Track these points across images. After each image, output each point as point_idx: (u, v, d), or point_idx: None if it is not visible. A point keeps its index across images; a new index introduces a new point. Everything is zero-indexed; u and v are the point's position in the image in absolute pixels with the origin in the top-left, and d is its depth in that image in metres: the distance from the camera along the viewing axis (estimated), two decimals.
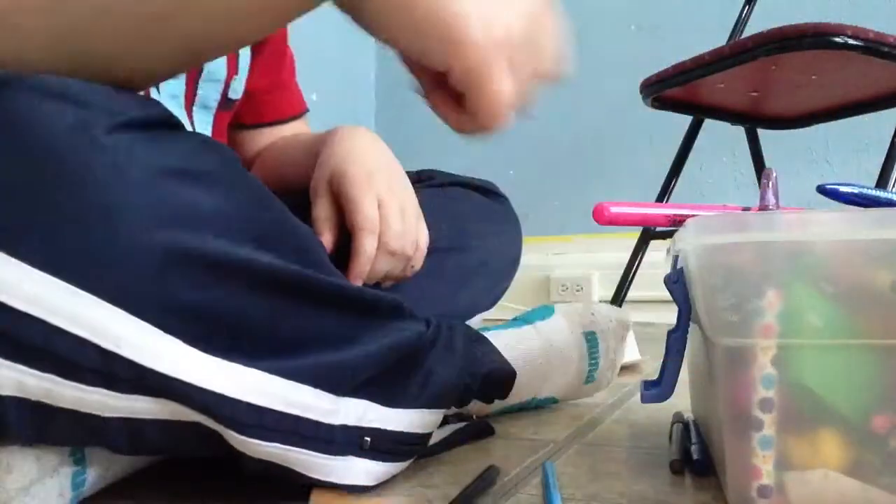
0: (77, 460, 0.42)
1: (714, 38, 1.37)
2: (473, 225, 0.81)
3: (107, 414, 0.38)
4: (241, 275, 0.39)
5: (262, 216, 0.42)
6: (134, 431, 0.39)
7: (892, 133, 1.14)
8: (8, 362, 0.35)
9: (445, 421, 0.59)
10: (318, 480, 0.45)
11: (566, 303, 0.89)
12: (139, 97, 0.39)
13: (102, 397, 0.37)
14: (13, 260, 0.33)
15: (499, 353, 0.65)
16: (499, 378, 0.65)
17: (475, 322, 0.82)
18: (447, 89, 0.42)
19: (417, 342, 0.50)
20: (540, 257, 2.00)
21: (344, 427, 0.45)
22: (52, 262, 0.34)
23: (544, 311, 0.75)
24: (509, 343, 0.68)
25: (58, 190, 0.34)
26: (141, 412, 0.38)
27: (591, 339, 0.73)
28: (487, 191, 0.87)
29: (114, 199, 0.35)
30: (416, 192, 0.71)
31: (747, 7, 1.47)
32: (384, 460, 0.48)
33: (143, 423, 0.39)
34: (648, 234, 1.47)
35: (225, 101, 0.76)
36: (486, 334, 0.67)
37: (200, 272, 0.37)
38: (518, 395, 0.69)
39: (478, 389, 0.62)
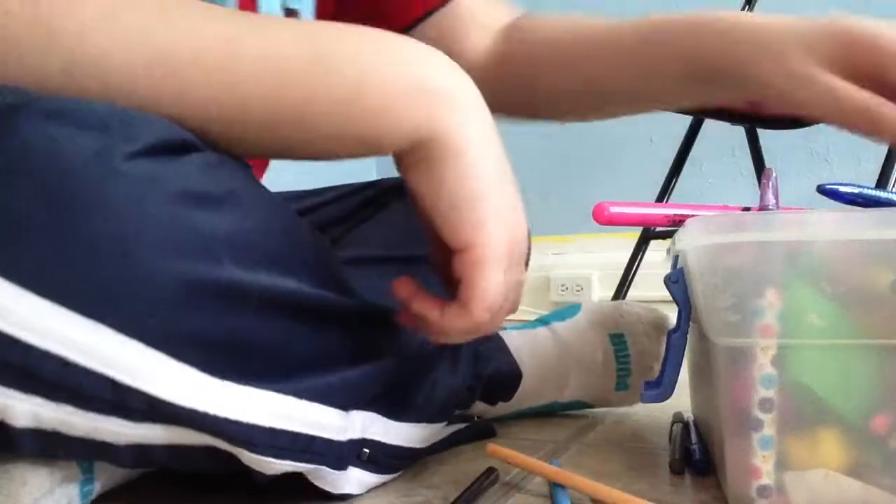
0: (85, 470, 0.42)
1: None
2: None
3: (119, 441, 0.38)
4: (254, 300, 0.38)
5: (274, 235, 0.41)
6: (143, 453, 0.39)
7: None
8: (24, 395, 0.34)
9: (448, 421, 0.59)
10: (316, 486, 0.45)
11: (566, 302, 0.88)
12: (153, 118, 0.37)
13: (116, 426, 0.36)
14: (27, 293, 0.32)
15: (507, 352, 0.65)
16: (504, 379, 0.64)
17: None
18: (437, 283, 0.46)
19: (421, 348, 0.50)
20: (540, 257, 2.00)
21: (350, 441, 0.45)
22: (66, 294, 0.33)
23: (568, 311, 0.71)
24: (519, 344, 0.66)
25: (74, 221, 0.33)
26: (153, 438, 0.38)
27: (617, 341, 0.68)
28: None
29: (131, 231, 0.34)
30: None
31: (747, 7, 1.47)
32: (376, 472, 0.48)
33: (154, 446, 0.39)
34: (648, 234, 1.47)
35: None
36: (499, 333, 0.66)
37: (214, 300, 0.37)
38: (529, 398, 0.67)
39: (481, 390, 0.62)
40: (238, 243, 0.38)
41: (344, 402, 0.44)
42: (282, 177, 0.75)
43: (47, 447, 0.36)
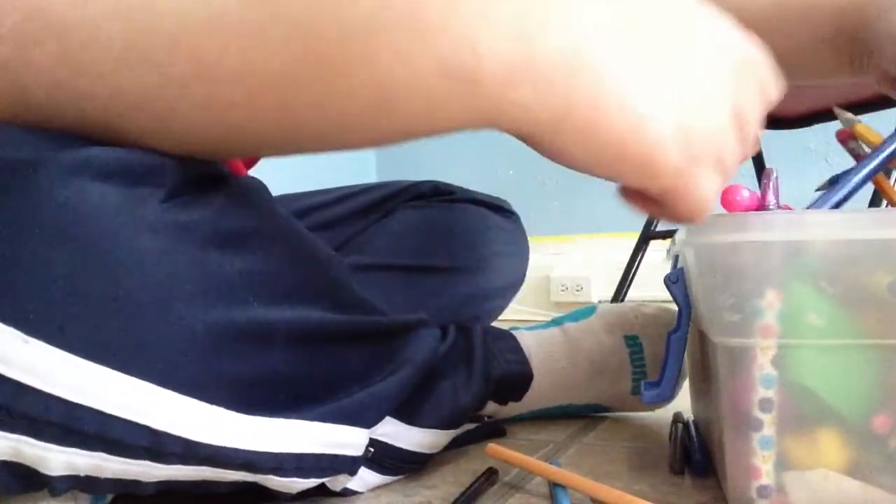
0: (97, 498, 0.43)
1: None
2: (489, 246, 0.80)
3: (149, 479, 0.38)
4: (281, 336, 0.38)
5: (296, 267, 0.41)
6: (168, 488, 0.39)
7: (891, 133, 1.14)
8: (61, 447, 0.34)
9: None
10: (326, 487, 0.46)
11: (566, 302, 0.87)
12: (173, 159, 0.36)
13: (146, 469, 0.37)
14: (58, 351, 0.32)
15: (519, 351, 0.64)
16: (514, 379, 0.64)
17: None
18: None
19: (435, 353, 0.50)
20: (540, 257, 2.00)
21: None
22: (97, 349, 0.33)
23: (582, 313, 0.70)
24: (531, 345, 0.66)
25: (103, 276, 0.32)
26: (181, 475, 0.38)
27: (633, 343, 0.67)
28: (500, 208, 0.86)
29: (165, 284, 0.34)
30: (434, 207, 0.68)
31: None
32: (380, 472, 0.49)
33: (183, 483, 0.39)
34: (648, 234, 1.47)
35: None
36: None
37: (243, 343, 0.37)
38: (542, 399, 0.67)
39: (492, 391, 0.62)
40: (262, 282, 0.38)
41: (368, 420, 0.44)
42: (279, 179, 0.75)
43: (79, 487, 0.37)
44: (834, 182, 0.48)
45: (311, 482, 0.42)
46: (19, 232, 0.31)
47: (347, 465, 0.43)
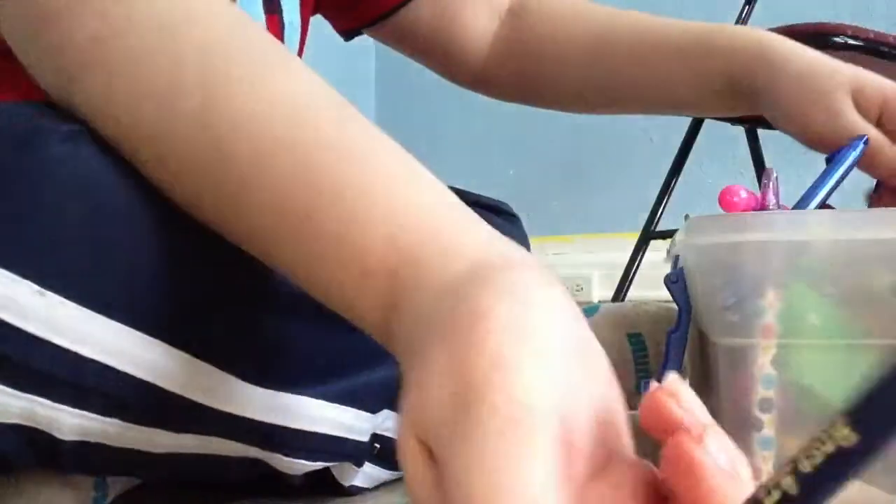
0: (98, 485, 0.43)
1: None
2: None
3: (157, 450, 0.38)
4: (287, 305, 0.39)
5: None
6: (176, 465, 0.39)
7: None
8: (73, 409, 0.34)
9: None
10: (320, 481, 0.46)
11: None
12: None
13: (158, 437, 0.37)
14: (73, 304, 0.32)
15: None
16: None
17: None
18: None
19: None
20: (540, 257, 1.99)
21: (371, 436, 0.46)
22: (110, 305, 0.33)
23: (586, 311, 0.69)
24: None
25: (113, 237, 0.33)
26: (187, 448, 0.38)
27: (635, 341, 0.66)
28: (501, 211, 0.86)
29: (165, 245, 0.34)
30: None
31: (747, 7, 1.47)
32: (385, 468, 0.49)
33: (188, 459, 0.39)
34: (648, 234, 1.47)
35: None
36: None
37: (258, 310, 0.38)
38: None
39: None
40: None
41: (372, 404, 0.44)
42: None
43: (89, 459, 0.37)
44: (829, 161, 0.50)
45: (317, 465, 0.42)
46: (32, 186, 0.32)
47: (353, 452, 0.44)
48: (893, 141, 0.53)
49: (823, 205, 0.50)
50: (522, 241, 0.86)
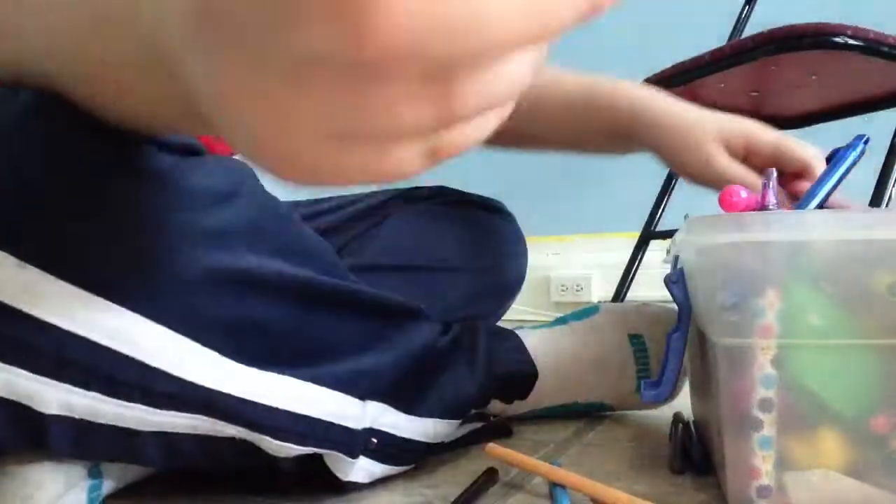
0: (94, 474, 0.43)
1: (714, 38, 1.36)
2: (486, 246, 0.80)
3: (144, 428, 0.38)
4: (274, 287, 0.40)
5: (281, 228, 0.43)
6: (168, 444, 0.40)
7: (891, 133, 1.14)
8: (54, 381, 0.35)
9: (464, 420, 0.59)
10: (320, 478, 0.46)
11: (566, 302, 0.87)
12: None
13: (142, 413, 0.37)
14: (53, 278, 0.33)
15: (524, 350, 0.65)
16: (519, 378, 0.64)
17: None
18: None
19: (435, 345, 0.51)
20: (540, 257, 2.00)
21: (363, 429, 0.46)
22: (100, 284, 0.34)
23: (587, 312, 0.71)
24: (535, 344, 0.66)
25: (100, 210, 0.34)
26: (176, 427, 0.39)
27: (636, 342, 0.67)
28: (496, 209, 0.86)
29: (161, 223, 0.35)
30: (430, 210, 0.70)
31: (747, 7, 1.47)
32: (384, 463, 0.49)
33: (179, 437, 0.40)
34: (648, 234, 1.47)
35: None
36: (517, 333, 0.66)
37: (237, 287, 0.38)
38: (547, 397, 0.67)
39: (496, 389, 0.62)
40: (252, 234, 0.40)
41: (360, 390, 0.45)
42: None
43: (75, 438, 0.37)
44: (832, 156, 0.51)
45: (307, 449, 0.43)
46: (14, 159, 0.32)
47: (343, 439, 0.44)
48: (759, 174, 0.64)
49: (823, 205, 0.50)
50: (519, 239, 0.87)
